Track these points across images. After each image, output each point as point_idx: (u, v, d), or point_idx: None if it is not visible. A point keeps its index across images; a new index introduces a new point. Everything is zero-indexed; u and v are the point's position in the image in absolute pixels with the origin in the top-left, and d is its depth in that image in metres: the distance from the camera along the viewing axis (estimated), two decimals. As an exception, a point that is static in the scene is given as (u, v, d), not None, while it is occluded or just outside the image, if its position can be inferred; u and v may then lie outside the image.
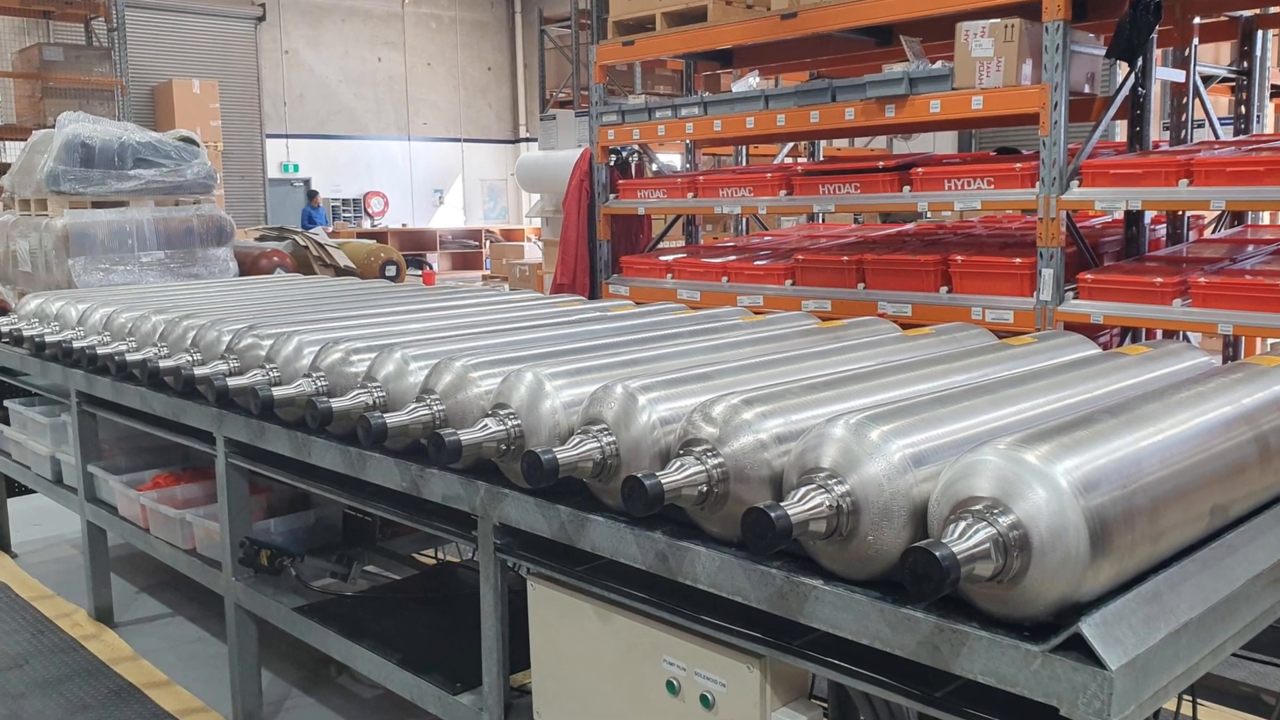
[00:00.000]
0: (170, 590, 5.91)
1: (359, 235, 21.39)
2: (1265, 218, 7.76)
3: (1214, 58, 9.26)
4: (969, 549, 1.85)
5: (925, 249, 6.51)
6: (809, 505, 2.07)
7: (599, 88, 8.31)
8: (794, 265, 6.81)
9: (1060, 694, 1.82)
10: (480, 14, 29.68)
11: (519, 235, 25.12)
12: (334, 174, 27.19)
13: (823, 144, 10.40)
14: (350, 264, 9.36)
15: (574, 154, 9.14)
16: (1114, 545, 1.91)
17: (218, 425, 4.04)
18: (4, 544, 6.71)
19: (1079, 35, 5.80)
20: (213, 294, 5.68)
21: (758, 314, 4.09)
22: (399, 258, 10.86)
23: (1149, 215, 6.51)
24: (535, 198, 12.62)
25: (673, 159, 11.82)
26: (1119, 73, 6.18)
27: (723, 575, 2.32)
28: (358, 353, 3.43)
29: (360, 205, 27.94)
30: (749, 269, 7.11)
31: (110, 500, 5.14)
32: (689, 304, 5.77)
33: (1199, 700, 2.67)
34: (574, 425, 2.66)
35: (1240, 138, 6.93)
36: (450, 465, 2.93)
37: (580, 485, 2.68)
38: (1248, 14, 6.98)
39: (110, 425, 5.17)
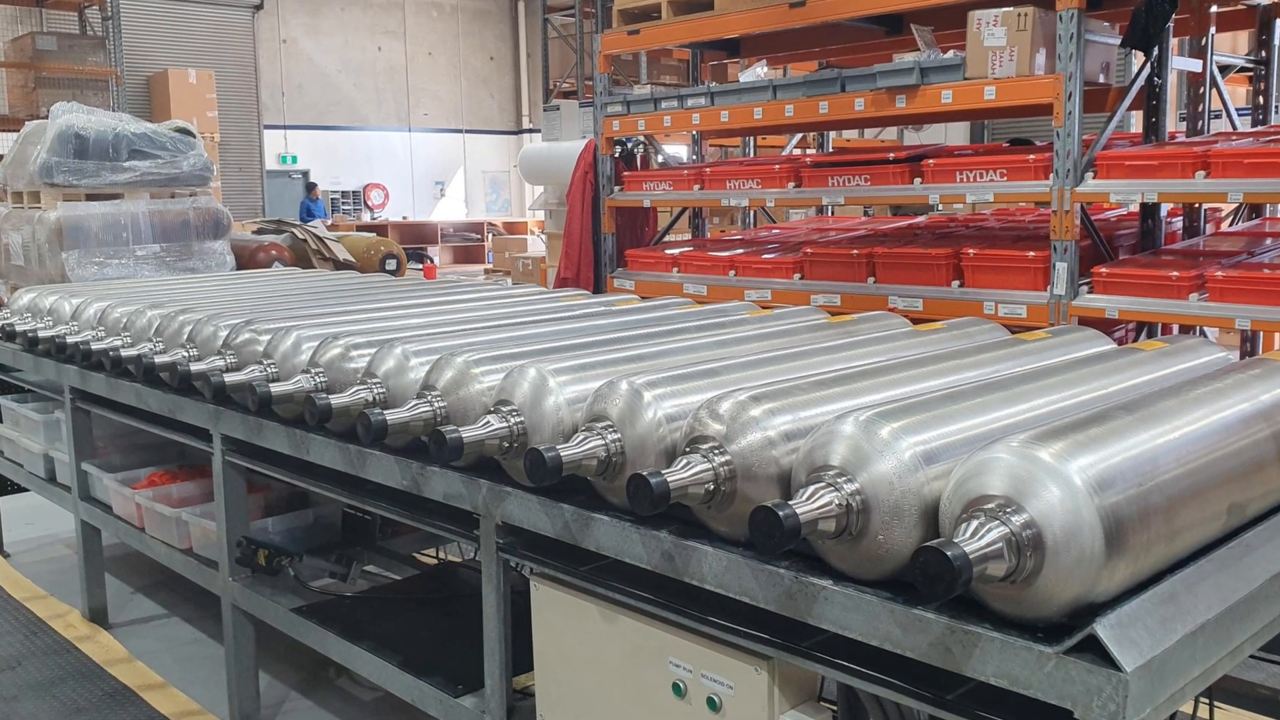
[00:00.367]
0: (166, 591, 5.91)
1: (358, 228, 21.41)
2: (1284, 210, 7.74)
3: (1231, 47, 9.24)
4: (981, 548, 1.85)
5: (937, 242, 6.51)
6: (818, 504, 2.07)
7: (604, 77, 8.31)
8: (803, 259, 6.81)
9: (1074, 697, 1.82)
10: (482, 2, 29.67)
11: (522, 228, 25.10)
12: (333, 166, 27.19)
13: (832, 135, 10.38)
14: (349, 257, 9.38)
15: (578, 145, 9.14)
16: (1129, 545, 1.91)
17: (214, 422, 4.04)
18: (-3, 543, 6.73)
19: (1093, 24, 5.79)
20: (209, 288, 5.68)
21: (765, 309, 4.08)
22: (399, 251, 10.88)
23: (1165, 208, 6.50)
24: (538, 190, 12.63)
25: (679, 150, 11.83)
26: (1134, 62, 6.17)
27: (730, 575, 2.32)
28: (357, 348, 3.43)
29: (360, 198, 27.95)
30: (756, 263, 7.11)
31: (105, 499, 5.15)
32: (695, 298, 5.77)
33: (1216, 703, 2.67)
34: (578, 422, 2.66)
35: (1258, 128, 6.92)
36: (452, 463, 2.93)
37: (584, 484, 2.68)
38: (1266, 2, 6.96)
39: (105, 422, 5.17)
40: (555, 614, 2.82)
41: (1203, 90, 6.82)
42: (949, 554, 1.82)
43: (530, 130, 29.06)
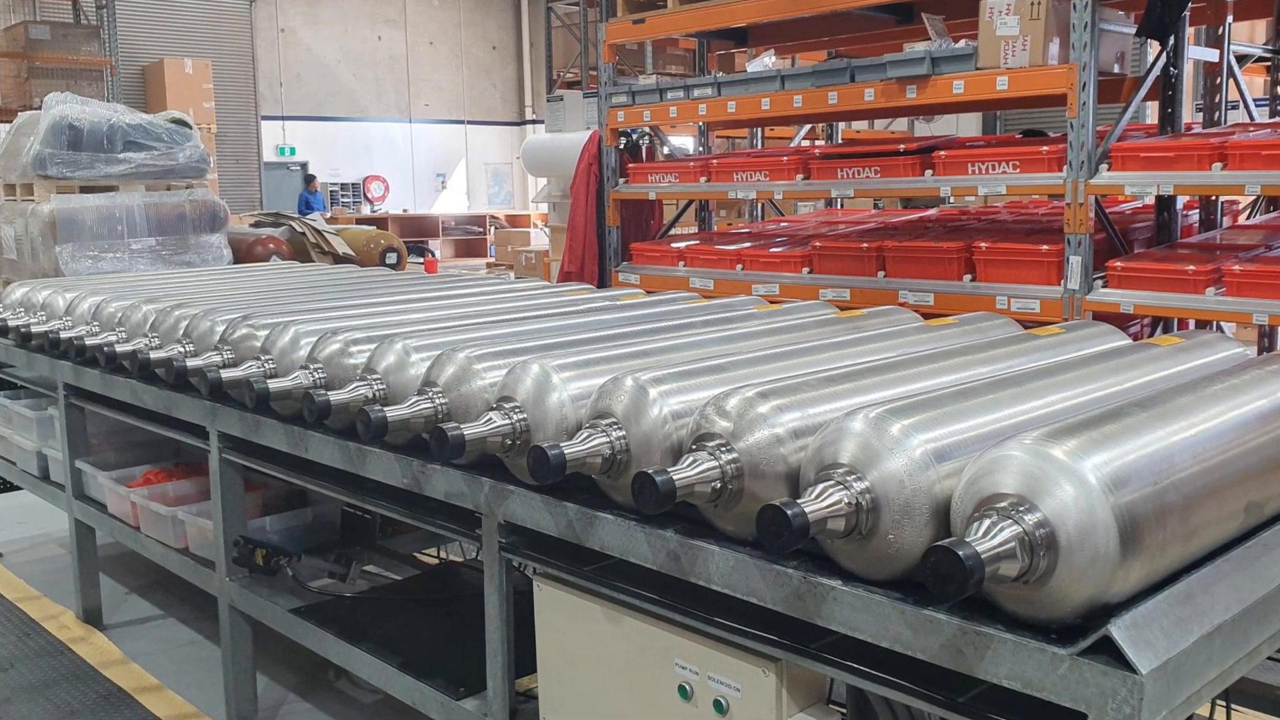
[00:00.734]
0: (161, 591, 5.92)
1: (358, 221, 21.45)
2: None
3: (1249, 36, 9.23)
4: (993, 548, 1.86)
5: (948, 235, 6.50)
6: (827, 502, 2.07)
7: (608, 67, 8.30)
8: (811, 252, 6.81)
9: (1089, 699, 1.82)
10: (484, -10, 29.69)
11: (525, 221, 25.15)
12: (332, 157, 27.18)
13: (841, 126, 10.39)
14: (349, 251, 9.38)
15: (582, 136, 9.14)
16: (1145, 544, 1.91)
17: (211, 419, 4.05)
18: (-10, 542, 6.75)
19: (1108, 12, 5.78)
20: (206, 282, 5.69)
21: (773, 303, 4.08)
22: (400, 245, 10.89)
23: (1181, 200, 6.49)
24: (542, 182, 12.64)
25: (685, 142, 11.81)
26: (1150, 52, 6.15)
27: (737, 575, 2.32)
28: (357, 344, 3.43)
29: (359, 190, 27.94)
30: (764, 256, 7.11)
31: (99, 497, 5.16)
32: (702, 293, 5.78)
33: (1233, 706, 2.67)
34: (582, 419, 2.66)
35: (1276, 119, 6.91)
36: (453, 461, 2.93)
37: (589, 482, 2.68)
38: (1285, -10, 6.96)
39: (99, 419, 5.18)
40: (559, 615, 2.82)
41: (1219, 80, 6.82)
42: (961, 553, 1.82)
43: (533, 121, 29.03)
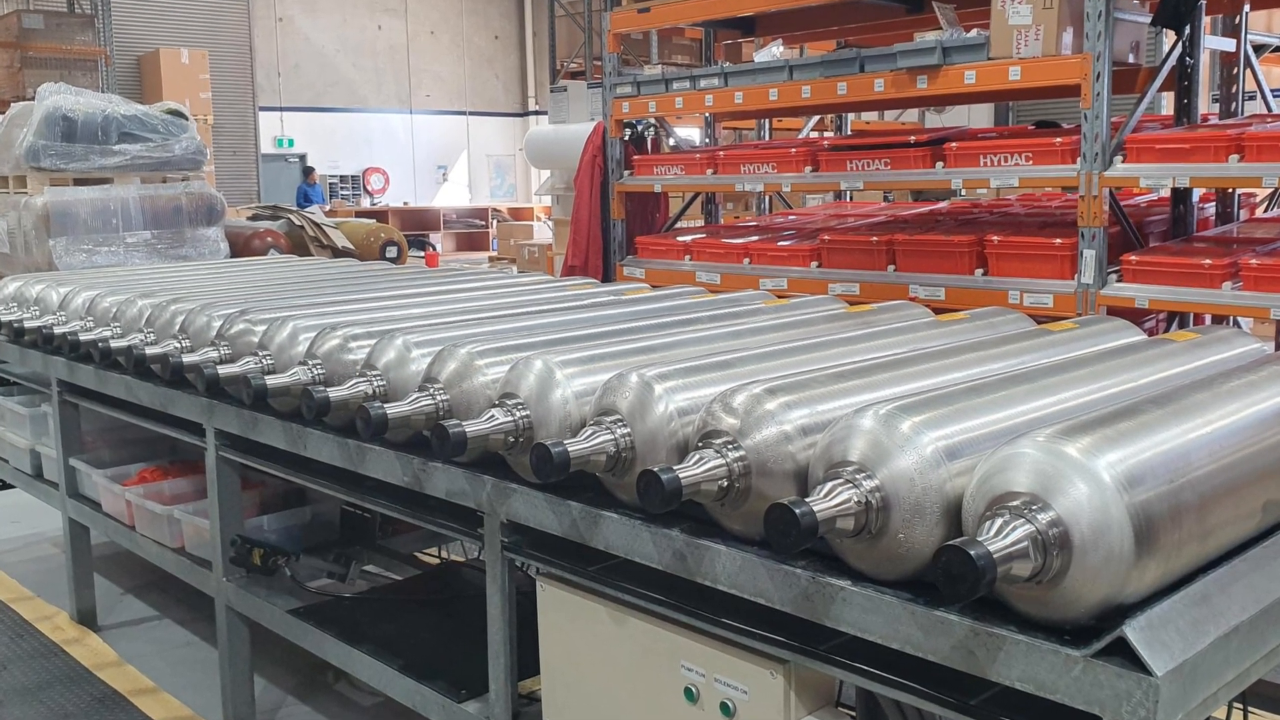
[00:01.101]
0: (157, 591, 5.93)
1: (358, 214, 21.41)
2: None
3: (1266, 25, 9.22)
4: (1006, 547, 1.86)
5: (959, 229, 6.50)
6: (836, 501, 2.08)
7: (613, 57, 8.30)
8: (820, 246, 6.80)
9: (1103, 701, 1.83)
10: (486, -21, 29.69)
11: (528, 214, 25.13)
12: (331, 149, 27.20)
13: (850, 117, 10.36)
14: (348, 245, 9.37)
15: (586, 128, 9.15)
16: (1160, 544, 1.91)
17: (208, 416, 4.05)
18: (-18, 542, 6.76)
19: (1123, 1, 5.77)
20: (202, 276, 5.70)
21: (781, 298, 4.09)
22: (400, 238, 10.87)
23: (1197, 193, 6.48)
24: (545, 174, 12.64)
25: (691, 133, 11.81)
26: (1165, 42, 6.15)
27: (744, 575, 2.32)
28: (356, 339, 3.43)
29: (359, 182, 27.96)
30: (772, 250, 7.10)
31: (93, 496, 5.17)
32: (708, 287, 5.77)
33: (1250, 708, 2.67)
34: (586, 416, 2.66)
35: (1296, 110, 6.90)
36: (455, 459, 2.93)
37: (593, 480, 2.68)
38: (1304, -22, 6.95)
39: (93, 416, 5.19)
40: (562, 615, 2.82)
41: (1236, 70, 6.80)
42: (972, 553, 1.82)
43: (537, 112, 29.02)
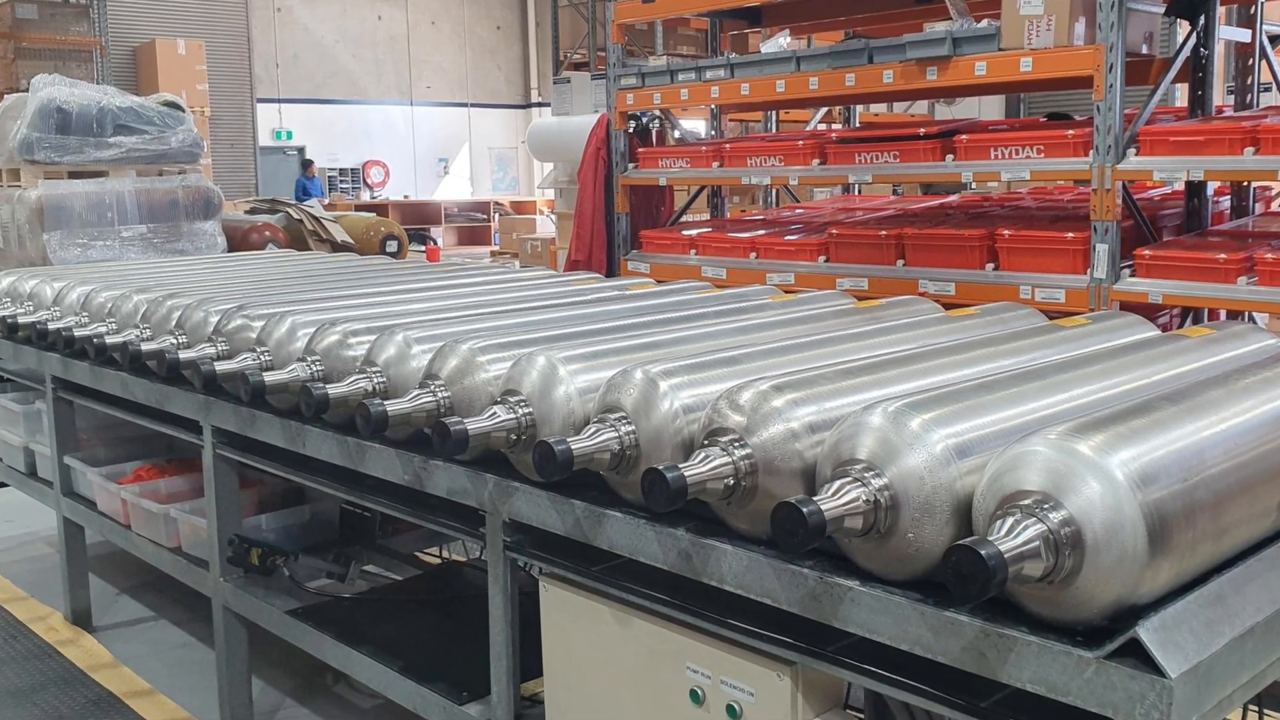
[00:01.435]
0: (153, 592, 5.93)
1: (357, 208, 21.45)
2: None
3: (1284, 14, 9.19)
4: (1017, 547, 1.85)
5: (970, 223, 6.49)
6: (844, 500, 2.08)
7: (617, 48, 8.30)
8: (828, 240, 6.80)
9: (1116, 704, 1.82)
10: (488, -32, 29.67)
11: (530, 208, 25.17)
12: (330, 142, 27.20)
13: (859, 109, 10.37)
14: (348, 239, 9.38)
15: (590, 120, 9.14)
16: (1174, 543, 1.91)
17: (205, 413, 4.06)
18: (-24, 541, 6.76)
19: (1137, -10, 5.77)
20: (199, 271, 5.70)
21: (788, 293, 4.08)
22: (401, 232, 10.87)
23: (1212, 186, 6.47)
24: (548, 167, 12.63)
25: (697, 125, 11.80)
26: (1179, 32, 6.14)
27: (751, 576, 2.32)
28: (356, 335, 3.44)
29: (359, 175, 27.97)
30: (779, 244, 7.10)
31: (88, 494, 5.17)
32: (714, 282, 5.77)
33: (1266, 711, 2.67)
34: (590, 413, 2.66)
35: (1313, 102, 6.89)
36: (456, 457, 2.94)
37: (597, 478, 2.68)
38: (1321, -33, 6.94)
39: (88, 413, 5.20)
40: (565, 616, 2.83)
41: (1252, 61, 6.80)
42: (983, 553, 1.82)
43: (539, 104, 29.00)
